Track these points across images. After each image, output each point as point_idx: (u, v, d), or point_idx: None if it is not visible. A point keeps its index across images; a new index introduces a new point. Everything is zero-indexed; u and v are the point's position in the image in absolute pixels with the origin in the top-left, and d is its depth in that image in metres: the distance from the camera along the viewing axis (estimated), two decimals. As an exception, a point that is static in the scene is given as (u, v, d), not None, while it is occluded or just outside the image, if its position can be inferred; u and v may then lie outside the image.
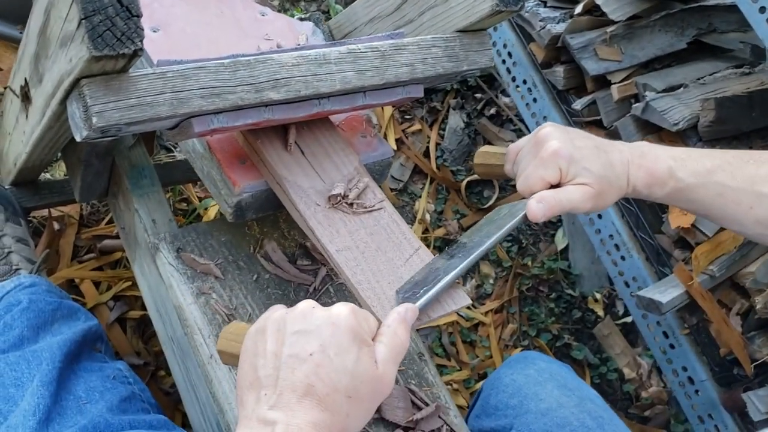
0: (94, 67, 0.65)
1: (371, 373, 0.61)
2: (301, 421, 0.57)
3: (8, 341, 1.02)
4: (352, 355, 0.60)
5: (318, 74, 0.80)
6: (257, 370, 0.60)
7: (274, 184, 0.85)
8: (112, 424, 0.92)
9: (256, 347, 0.62)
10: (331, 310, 0.63)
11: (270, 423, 0.57)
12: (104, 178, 1.08)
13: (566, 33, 1.43)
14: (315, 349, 0.60)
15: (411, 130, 1.91)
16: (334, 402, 0.59)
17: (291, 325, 0.62)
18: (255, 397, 0.60)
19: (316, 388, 0.58)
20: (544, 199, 0.81)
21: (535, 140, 0.85)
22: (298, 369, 0.59)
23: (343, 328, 0.61)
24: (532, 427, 0.93)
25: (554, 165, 0.82)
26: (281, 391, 0.58)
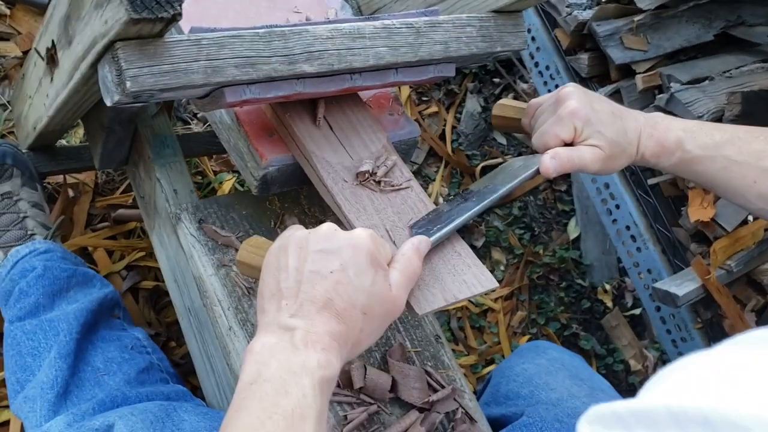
0: (130, 30, 0.63)
1: (385, 293, 0.64)
2: (320, 330, 0.60)
3: (24, 308, 1.02)
4: (369, 276, 0.63)
5: (351, 48, 0.79)
6: (279, 282, 0.63)
7: (301, 159, 0.84)
8: (130, 397, 0.92)
9: (278, 262, 0.64)
10: (352, 233, 0.66)
11: (290, 329, 0.60)
12: (125, 146, 1.07)
13: (593, 20, 1.42)
14: (336, 267, 0.62)
15: (428, 112, 1.90)
16: (350, 316, 0.62)
17: (314, 244, 0.64)
18: (276, 305, 0.62)
19: (335, 302, 0.61)
20: (558, 155, 0.84)
21: (557, 98, 0.88)
22: (318, 284, 0.61)
23: (363, 250, 0.64)
24: (543, 416, 0.92)
25: (570, 124, 0.85)
26: (302, 302, 0.61)
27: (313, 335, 0.59)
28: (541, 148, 0.87)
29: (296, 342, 0.59)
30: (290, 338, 0.59)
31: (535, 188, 1.92)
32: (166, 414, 0.81)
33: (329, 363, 0.59)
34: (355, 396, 0.88)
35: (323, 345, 0.59)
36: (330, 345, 0.60)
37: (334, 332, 0.60)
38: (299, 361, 0.57)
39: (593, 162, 0.85)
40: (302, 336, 0.59)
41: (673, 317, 1.39)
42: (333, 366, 0.59)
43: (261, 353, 0.59)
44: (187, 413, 0.81)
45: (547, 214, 1.91)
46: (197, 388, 1.30)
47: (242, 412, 0.55)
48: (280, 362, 0.57)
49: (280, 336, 0.60)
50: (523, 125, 0.95)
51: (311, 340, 0.59)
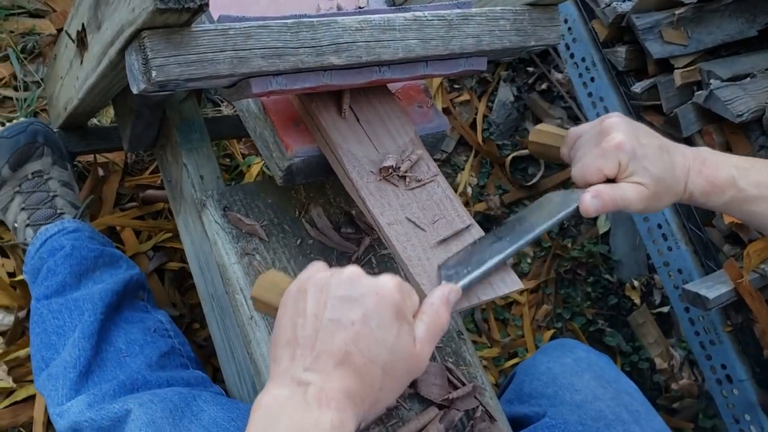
0: (157, 19, 0.63)
1: (409, 350, 0.60)
2: (335, 386, 0.56)
3: (51, 287, 1.03)
4: (393, 331, 0.59)
5: (381, 40, 0.77)
6: (296, 329, 0.59)
7: (327, 151, 0.83)
8: (150, 380, 0.93)
9: (296, 306, 0.61)
10: (377, 281, 0.61)
11: (304, 384, 0.56)
12: (154, 129, 1.07)
13: (632, 12, 1.38)
14: (357, 318, 0.58)
15: (459, 100, 1.88)
16: (369, 373, 0.58)
17: (335, 289, 0.60)
18: (290, 355, 0.59)
19: (354, 357, 0.57)
20: (600, 194, 0.79)
21: (601, 129, 0.82)
22: (337, 335, 0.58)
23: (388, 301, 0.60)
24: (566, 418, 0.91)
25: (615, 158, 0.80)
26: (318, 354, 0.57)
27: (328, 392, 0.56)
28: (582, 182, 0.82)
29: (309, 399, 0.55)
30: (303, 394, 0.55)
31: (565, 180, 1.89)
32: (186, 403, 0.81)
33: (343, 424, 0.55)
34: (373, 390, 0.88)
35: (338, 404, 0.55)
36: (345, 404, 0.56)
37: (350, 390, 0.57)
38: (311, 420, 0.54)
39: (637, 201, 0.80)
40: (316, 393, 0.55)
41: (702, 319, 1.36)
42: (347, 426, 0.55)
43: (270, 407, 0.55)
44: (207, 403, 0.81)
45: (578, 207, 1.88)
46: (218, 370, 1.31)
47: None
48: (291, 419, 0.54)
49: (292, 390, 0.56)
50: (562, 155, 0.90)
51: (325, 397, 0.55)
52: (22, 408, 1.17)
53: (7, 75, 1.38)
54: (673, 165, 0.81)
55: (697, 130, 1.33)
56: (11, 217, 1.16)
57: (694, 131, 1.32)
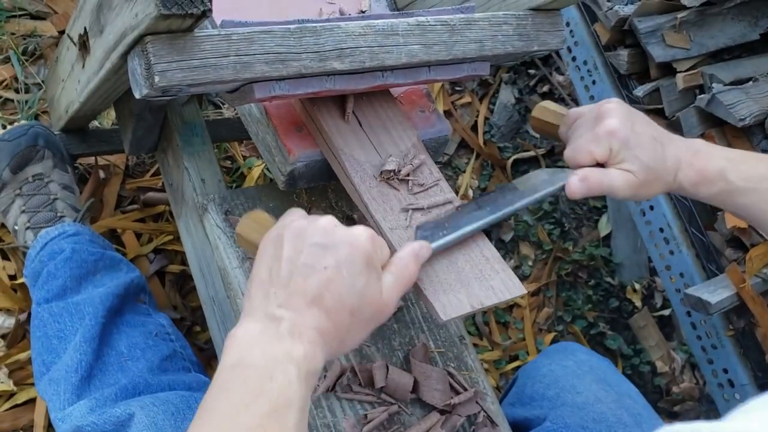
0: (160, 24, 0.63)
1: (376, 297, 0.63)
2: (307, 323, 0.59)
3: (52, 291, 1.03)
4: (362, 278, 0.62)
5: (384, 46, 0.77)
6: (271, 271, 0.62)
7: (329, 155, 0.83)
8: (152, 384, 0.93)
9: (274, 250, 0.63)
10: (351, 231, 0.64)
11: (277, 319, 0.58)
12: (155, 132, 1.07)
13: (634, 16, 1.37)
14: (330, 264, 0.61)
15: (460, 102, 1.88)
16: (338, 315, 0.61)
17: (311, 236, 0.63)
18: (264, 293, 0.61)
19: (325, 299, 0.60)
20: (587, 178, 0.81)
21: (597, 113, 0.83)
22: (311, 278, 0.60)
23: (360, 250, 0.63)
24: (567, 420, 0.91)
25: (606, 143, 0.81)
26: (291, 293, 0.60)
27: (300, 327, 0.58)
28: (572, 163, 0.84)
29: (282, 332, 0.57)
30: (276, 328, 0.58)
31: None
32: (187, 405, 0.81)
33: (314, 357, 0.58)
34: (376, 395, 0.88)
35: (309, 338, 0.58)
36: (316, 340, 0.59)
37: (321, 328, 0.60)
38: (284, 350, 0.56)
39: (624, 188, 0.81)
40: (288, 327, 0.58)
41: (703, 323, 1.36)
42: (318, 360, 0.58)
43: (244, 339, 0.58)
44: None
45: (578, 209, 1.88)
46: (220, 374, 1.31)
47: (225, 394, 0.54)
48: (264, 350, 0.56)
49: (265, 325, 0.58)
50: (560, 134, 0.91)
51: (298, 331, 0.58)
52: (22, 411, 1.17)
53: (8, 77, 1.37)
54: (664, 155, 0.82)
55: (700, 133, 1.32)
56: (12, 219, 1.16)
57: (696, 135, 1.32)
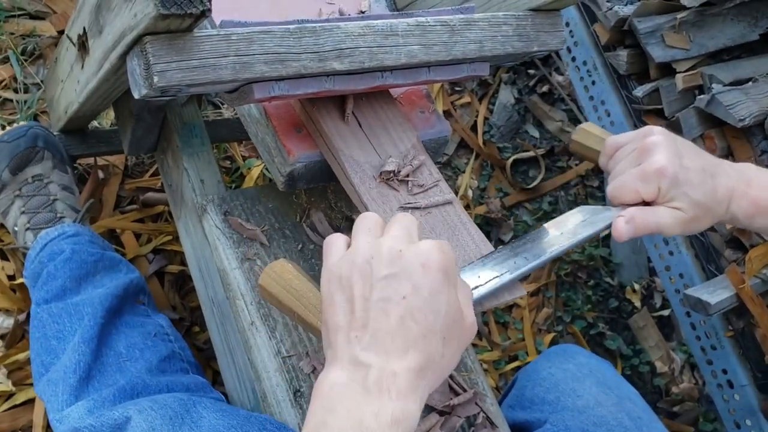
0: (159, 24, 0.62)
1: (460, 312, 0.59)
2: (397, 367, 0.53)
3: (51, 291, 1.03)
4: (443, 296, 0.57)
5: (383, 46, 0.77)
6: (346, 314, 0.57)
7: (329, 156, 0.83)
8: (150, 385, 0.92)
9: (342, 294, 0.58)
10: (419, 250, 0.58)
11: (363, 366, 0.53)
12: (154, 133, 1.07)
13: (634, 16, 1.38)
14: (408, 291, 0.56)
15: (460, 102, 1.87)
16: (428, 342, 0.55)
17: (378, 270, 0.57)
18: (344, 338, 0.56)
19: (411, 330, 0.55)
20: (634, 219, 0.76)
21: (642, 147, 0.78)
22: (392, 312, 0.55)
23: (434, 267, 0.57)
24: (567, 423, 0.91)
25: (655, 183, 0.76)
26: (374, 332, 0.55)
27: (389, 375, 0.53)
28: (616, 200, 0.79)
29: (369, 385, 0.52)
30: (363, 378, 0.53)
31: (566, 183, 1.88)
32: (185, 410, 0.81)
33: (405, 415, 0.52)
34: (374, 396, 0.87)
35: (400, 388, 0.52)
36: (408, 386, 0.53)
37: (412, 367, 0.54)
38: (371, 412, 0.51)
39: (673, 226, 0.76)
40: (376, 377, 0.52)
41: (703, 323, 1.36)
42: (411, 417, 0.52)
43: (329, 396, 0.53)
44: (206, 409, 0.81)
45: (578, 210, 1.88)
46: (219, 373, 1.31)
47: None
48: (350, 412, 0.51)
49: (351, 374, 0.53)
50: (600, 163, 0.86)
51: (386, 382, 0.52)
52: (21, 411, 1.17)
53: (7, 77, 1.37)
54: (714, 188, 0.77)
55: (699, 134, 1.32)
56: (11, 220, 1.15)
57: (695, 135, 1.32)
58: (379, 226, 0.62)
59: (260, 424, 0.80)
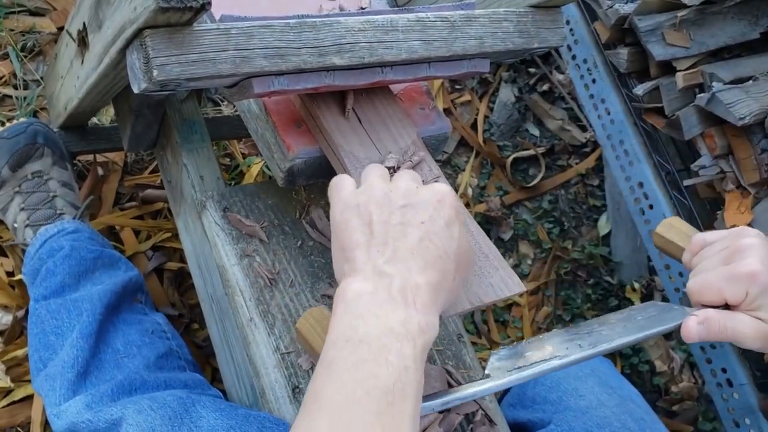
0: (159, 18, 0.62)
1: (469, 243, 0.64)
2: (419, 280, 0.56)
3: (50, 288, 1.03)
4: (456, 227, 0.62)
5: (384, 41, 0.77)
6: (366, 234, 0.59)
7: (328, 152, 0.83)
8: (148, 381, 0.92)
9: (360, 219, 0.61)
10: (435, 188, 0.64)
11: (387, 275, 0.56)
12: (154, 129, 1.07)
13: (634, 14, 1.37)
14: (425, 218, 0.61)
15: (460, 100, 1.87)
16: (444, 263, 0.59)
17: (395, 200, 0.62)
18: (365, 252, 0.58)
19: (429, 250, 0.59)
20: (709, 321, 0.69)
21: (735, 247, 0.72)
22: (410, 233, 0.59)
23: (448, 202, 0.63)
24: (572, 424, 0.90)
25: (744, 287, 0.69)
26: (395, 249, 0.58)
27: (413, 287, 0.55)
28: (695, 297, 0.72)
29: (394, 293, 0.54)
30: (387, 287, 0.55)
31: (566, 182, 1.88)
32: (184, 409, 0.80)
33: (430, 325, 0.55)
34: (373, 393, 0.87)
35: (423, 301, 0.55)
36: (429, 299, 0.56)
37: (431, 282, 0.57)
38: (400, 319, 0.53)
39: (753, 338, 0.69)
40: (401, 286, 0.55)
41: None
42: (433, 328, 0.55)
43: (355, 304, 0.54)
44: (205, 409, 0.80)
45: (578, 208, 1.88)
46: (218, 370, 1.31)
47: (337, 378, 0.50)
48: (378, 318, 0.52)
49: (375, 283, 0.55)
50: (684, 261, 0.80)
51: (411, 292, 0.55)
52: (19, 408, 1.17)
53: (6, 73, 1.37)
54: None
55: (699, 132, 1.32)
56: (11, 217, 1.15)
57: (696, 134, 1.32)
58: (387, 174, 0.68)
59: (259, 423, 0.80)
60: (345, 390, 0.49)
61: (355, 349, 0.51)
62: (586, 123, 1.93)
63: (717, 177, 1.33)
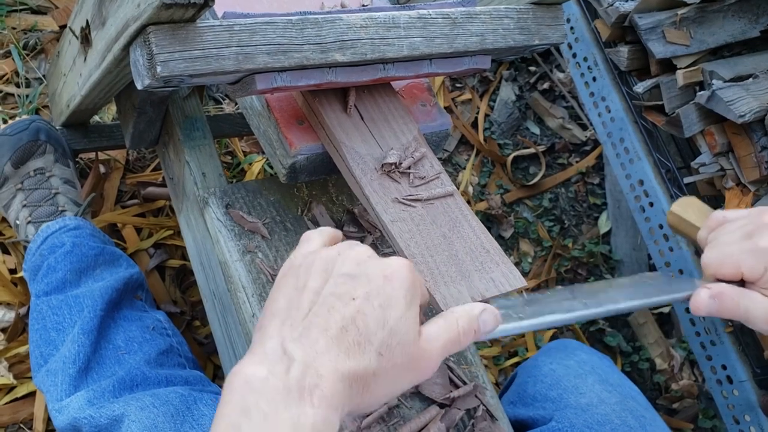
0: (162, 14, 0.63)
1: (411, 338, 0.53)
2: (323, 366, 0.49)
3: (51, 284, 1.03)
4: (396, 312, 0.52)
5: (385, 38, 0.77)
6: (291, 300, 0.53)
7: (330, 148, 0.83)
8: (149, 377, 0.92)
9: (295, 280, 0.55)
10: (388, 262, 0.55)
11: (287, 357, 0.49)
12: (156, 127, 1.07)
13: (635, 12, 1.37)
14: (360, 295, 0.52)
15: (461, 99, 1.88)
16: (363, 353, 0.50)
17: (341, 266, 0.55)
18: (279, 323, 0.52)
19: (349, 334, 0.50)
20: (722, 296, 0.66)
21: (759, 222, 0.69)
22: (335, 310, 0.51)
23: (396, 282, 0.54)
24: (573, 421, 0.91)
25: (763, 263, 0.66)
26: (309, 326, 0.51)
27: (313, 374, 0.48)
28: (710, 269, 0.69)
29: (290, 382, 0.47)
30: (284, 372, 0.48)
31: (566, 180, 1.89)
32: (186, 406, 0.80)
33: (327, 424, 0.47)
34: (375, 388, 0.88)
35: (323, 394, 0.48)
36: (332, 393, 0.48)
37: (340, 370, 0.49)
38: (290, 418, 0.46)
39: (764, 320, 0.66)
40: (300, 373, 0.48)
41: (702, 319, 1.36)
42: (331, 427, 0.47)
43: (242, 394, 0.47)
44: (207, 407, 0.81)
45: (578, 206, 1.88)
46: (219, 368, 1.31)
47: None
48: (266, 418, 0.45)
49: (272, 367, 0.48)
50: (699, 238, 0.77)
51: (309, 382, 0.48)
52: (22, 404, 1.17)
53: (9, 71, 1.37)
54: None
55: (699, 130, 1.32)
56: (13, 214, 1.16)
57: (696, 131, 1.32)
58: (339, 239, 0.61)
59: (261, 420, 0.79)
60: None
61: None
62: (586, 121, 1.94)
63: (717, 174, 1.33)
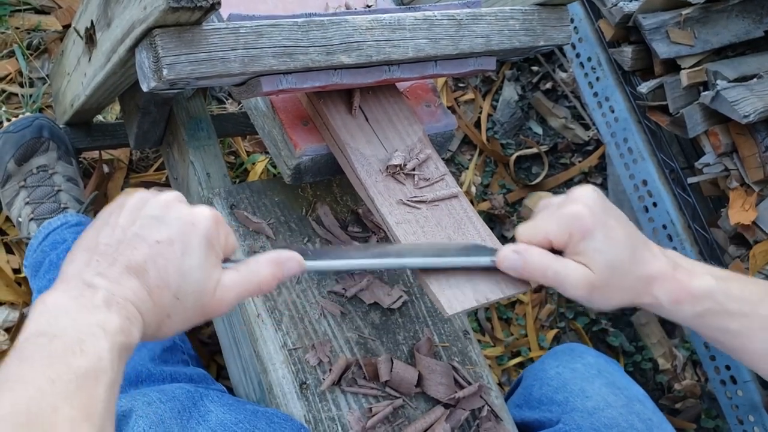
0: (169, 17, 0.63)
1: (205, 286, 0.59)
2: (126, 295, 0.54)
3: (53, 280, 1.03)
4: (194, 260, 0.58)
5: (391, 40, 0.77)
6: (99, 237, 0.58)
7: (335, 150, 0.83)
8: (154, 374, 0.93)
9: (109, 217, 0.60)
10: (194, 209, 0.60)
11: (92, 287, 0.54)
12: (161, 127, 1.07)
13: (639, 12, 1.38)
14: (162, 238, 0.57)
15: (464, 98, 1.88)
16: (160, 294, 0.56)
17: (150, 208, 0.59)
18: (86, 259, 0.56)
19: (149, 274, 0.56)
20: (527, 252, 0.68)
21: (568, 196, 0.72)
22: (138, 249, 0.57)
23: (199, 231, 0.59)
24: (579, 424, 0.90)
25: (567, 226, 0.68)
26: (113, 262, 0.56)
27: (118, 299, 0.54)
28: (522, 238, 0.71)
29: (97, 302, 0.53)
30: (91, 297, 0.53)
31: (569, 180, 1.89)
32: (193, 403, 0.80)
33: (130, 332, 0.53)
34: (380, 389, 0.88)
35: (126, 312, 0.53)
36: (133, 315, 0.54)
37: (139, 303, 0.55)
38: (97, 321, 0.51)
39: (575, 285, 0.67)
40: (105, 297, 0.53)
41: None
42: (133, 336, 0.53)
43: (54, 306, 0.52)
44: (213, 403, 0.81)
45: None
46: (222, 368, 1.31)
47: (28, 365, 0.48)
48: (75, 320, 0.51)
49: (78, 293, 0.53)
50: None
51: (114, 302, 0.53)
52: (26, 404, 1.17)
53: (12, 71, 1.37)
54: (636, 260, 0.69)
55: (704, 130, 1.32)
56: (16, 211, 1.16)
57: (700, 132, 1.32)
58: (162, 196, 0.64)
59: (267, 419, 0.80)
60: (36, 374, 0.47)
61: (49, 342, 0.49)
62: (589, 121, 1.93)
63: (721, 175, 1.34)
